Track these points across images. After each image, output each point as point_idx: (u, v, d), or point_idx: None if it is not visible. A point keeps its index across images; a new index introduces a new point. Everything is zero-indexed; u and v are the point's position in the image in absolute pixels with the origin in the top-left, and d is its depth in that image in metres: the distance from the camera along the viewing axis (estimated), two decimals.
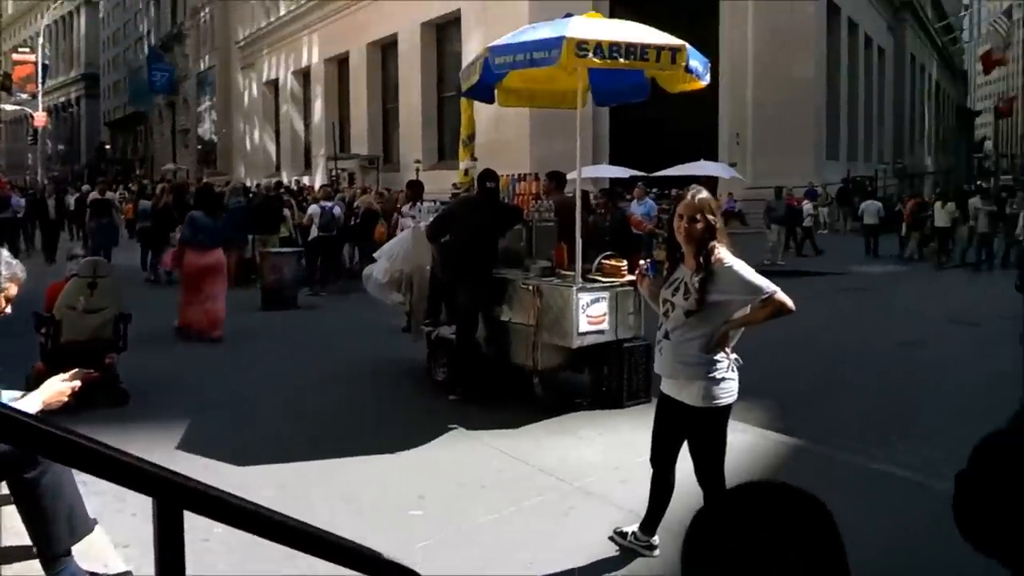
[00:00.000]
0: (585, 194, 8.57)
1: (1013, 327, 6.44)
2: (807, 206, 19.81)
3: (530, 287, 5.89)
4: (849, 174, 30.01)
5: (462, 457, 4.94)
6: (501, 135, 22.45)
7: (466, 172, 11.33)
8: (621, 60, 5.22)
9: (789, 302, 3.23)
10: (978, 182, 52.40)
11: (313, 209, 12.79)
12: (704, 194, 3.36)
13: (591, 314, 5.65)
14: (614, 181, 19.23)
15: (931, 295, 13.04)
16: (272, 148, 47.45)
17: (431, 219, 6.80)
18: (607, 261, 6.04)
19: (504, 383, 6.17)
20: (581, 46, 5.11)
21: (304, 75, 42.66)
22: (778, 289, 3.23)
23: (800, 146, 25.44)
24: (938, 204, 17.82)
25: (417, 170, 26.09)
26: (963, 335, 9.25)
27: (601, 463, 4.83)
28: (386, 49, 35.12)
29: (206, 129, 55.86)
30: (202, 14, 54.62)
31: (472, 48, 22.61)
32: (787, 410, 6.00)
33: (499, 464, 4.81)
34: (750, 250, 13.99)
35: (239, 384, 6.74)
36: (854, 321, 10.38)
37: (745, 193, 23.00)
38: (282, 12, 43.60)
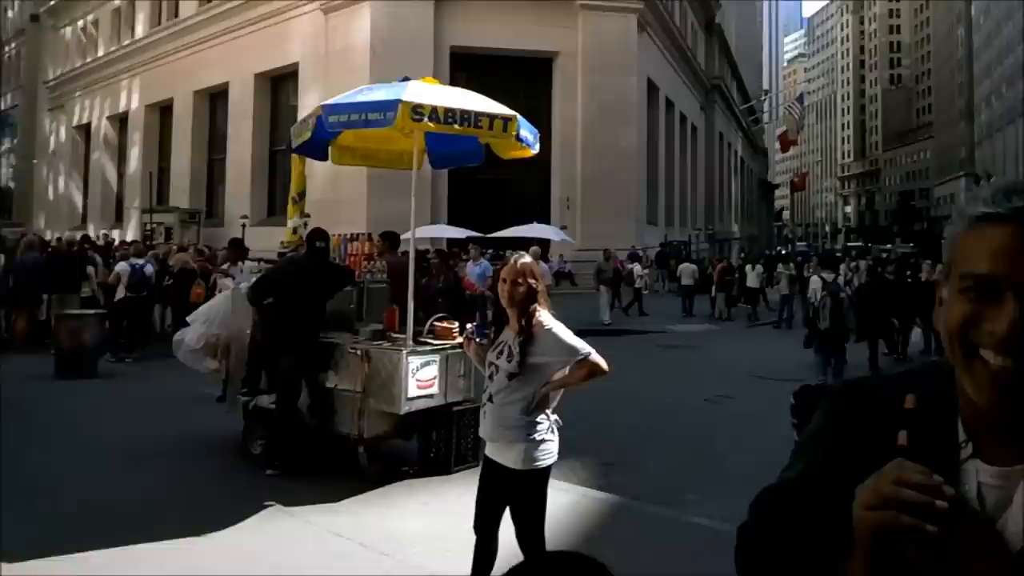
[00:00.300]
0: (421, 254, 8.54)
1: (806, 381, 7.07)
2: (637, 268, 20.97)
3: (358, 351, 5.71)
4: (666, 238, 32.54)
5: (278, 537, 4.60)
6: (338, 193, 22.16)
7: (295, 230, 10.97)
8: (456, 126, 5.34)
9: (603, 363, 3.33)
10: (778, 248, 58.45)
11: (121, 267, 11.73)
12: (527, 259, 3.43)
13: (421, 378, 5.56)
14: (451, 241, 19.43)
15: (739, 352, 14.12)
16: (79, 198, 43.86)
17: (253, 280, 6.44)
18: (439, 323, 6.00)
19: (327, 454, 5.88)
20: (417, 110, 5.17)
21: (121, 120, 40.07)
22: (593, 351, 3.32)
23: (623, 211, 27.25)
24: (748, 267, 19.73)
25: (243, 226, 25.05)
26: (766, 389, 10.03)
27: (425, 534, 4.69)
28: (215, 98, 33.84)
29: (2, 174, 50.71)
30: (7, 49, 50.16)
31: (309, 103, 22.29)
32: (608, 468, 6.17)
33: (317, 542, 4.53)
34: (580, 310, 14.61)
35: (24, 463, 5.94)
36: (671, 378, 10.99)
37: (575, 255, 24.10)
38: (100, 53, 40.96)
